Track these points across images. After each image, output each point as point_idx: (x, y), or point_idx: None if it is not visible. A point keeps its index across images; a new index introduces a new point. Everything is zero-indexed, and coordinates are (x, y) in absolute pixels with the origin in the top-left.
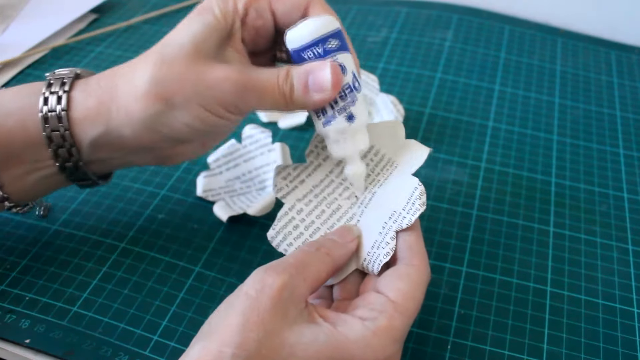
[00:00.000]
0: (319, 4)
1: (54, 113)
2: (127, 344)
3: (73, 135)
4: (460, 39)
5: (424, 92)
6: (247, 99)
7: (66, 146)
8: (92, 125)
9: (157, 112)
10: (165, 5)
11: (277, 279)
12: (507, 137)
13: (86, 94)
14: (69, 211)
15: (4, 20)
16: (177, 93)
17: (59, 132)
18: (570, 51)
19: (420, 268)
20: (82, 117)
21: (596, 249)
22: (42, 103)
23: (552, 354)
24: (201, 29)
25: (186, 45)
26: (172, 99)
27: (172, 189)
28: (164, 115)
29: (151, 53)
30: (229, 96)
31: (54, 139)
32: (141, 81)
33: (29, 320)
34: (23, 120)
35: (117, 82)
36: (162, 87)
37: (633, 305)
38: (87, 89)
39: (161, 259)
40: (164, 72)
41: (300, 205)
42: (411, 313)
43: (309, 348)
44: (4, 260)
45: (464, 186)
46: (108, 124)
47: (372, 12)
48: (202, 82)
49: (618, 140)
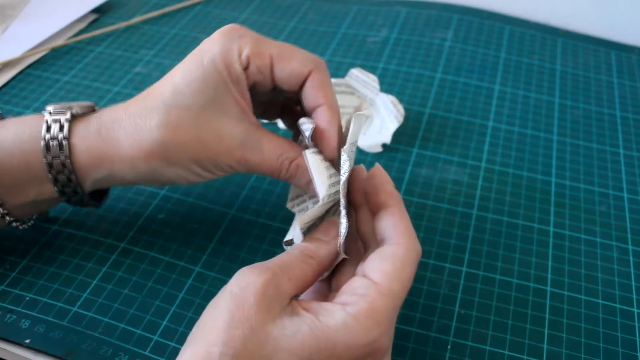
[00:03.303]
0: (318, 79)
1: (58, 160)
2: (127, 344)
3: (77, 177)
4: (460, 39)
5: (424, 92)
6: (243, 168)
7: (71, 186)
8: (96, 170)
9: (159, 167)
10: (165, 5)
11: (261, 277)
12: (507, 137)
13: (88, 144)
14: (69, 211)
15: (4, 20)
16: (180, 157)
17: (64, 174)
18: (570, 51)
19: (406, 246)
20: (85, 163)
21: (596, 249)
22: (45, 148)
23: (552, 354)
24: (204, 84)
25: (192, 107)
26: (173, 159)
27: (172, 189)
28: (164, 169)
29: (154, 108)
30: (227, 164)
31: (59, 179)
32: (146, 143)
33: (29, 320)
34: (27, 162)
35: (119, 136)
36: (166, 151)
37: (633, 305)
38: (89, 137)
39: (161, 259)
40: (169, 138)
41: None
42: (396, 294)
43: (292, 340)
44: (4, 260)
45: (464, 186)
46: (112, 171)
47: (372, 12)
48: (203, 151)
49: (618, 140)
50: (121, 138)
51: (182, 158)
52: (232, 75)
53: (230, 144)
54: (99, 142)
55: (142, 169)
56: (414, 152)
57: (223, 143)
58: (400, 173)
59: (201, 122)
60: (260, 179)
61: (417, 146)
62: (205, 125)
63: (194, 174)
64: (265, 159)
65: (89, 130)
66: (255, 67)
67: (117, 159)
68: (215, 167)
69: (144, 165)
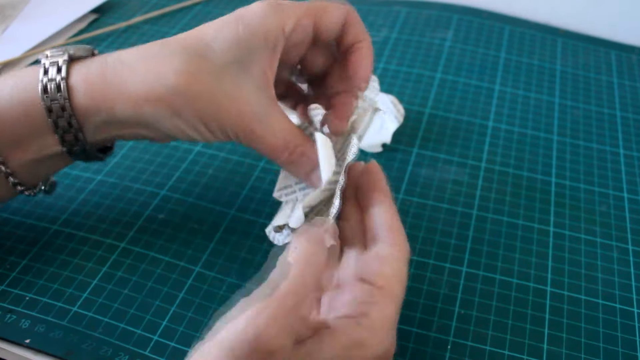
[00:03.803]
0: (356, 17)
1: (57, 103)
2: (127, 344)
3: (77, 121)
4: (460, 39)
5: (424, 92)
6: (246, 139)
7: (72, 131)
8: (96, 113)
9: (163, 116)
10: (165, 5)
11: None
12: (507, 137)
13: (89, 85)
14: (69, 211)
15: (4, 20)
16: (188, 110)
17: (64, 118)
18: (570, 51)
19: (401, 247)
20: (86, 105)
21: (596, 249)
22: (42, 92)
23: (552, 354)
24: (235, 44)
25: (216, 61)
26: (180, 110)
27: (172, 189)
28: (167, 119)
29: (175, 54)
30: (232, 129)
31: (59, 124)
32: (158, 87)
33: (29, 320)
34: (26, 109)
35: (126, 77)
36: (176, 100)
37: (633, 305)
38: (90, 78)
39: (161, 259)
40: (184, 87)
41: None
42: (400, 296)
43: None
44: (4, 260)
45: (464, 186)
46: (112, 115)
47: (372, 12)
48: (214, 109)
49: (618, 140)
50: (128, 79)
51: (190, 111)
52: (268, 41)
53: (243, 108)
54: (102, 84)
55: (145, 114)
56: (414, 152)
57: (236, 106)
58: (400, 173)
59: (221, 78)
60: (260, 179)
61: (417, 146)
62: (224, 83)
63: (195, 131)
64: (272, 136)
65: (90, 71)
66: (300, 30)
67: (121, 100)
68: (219, 129)
69: (149, 110)
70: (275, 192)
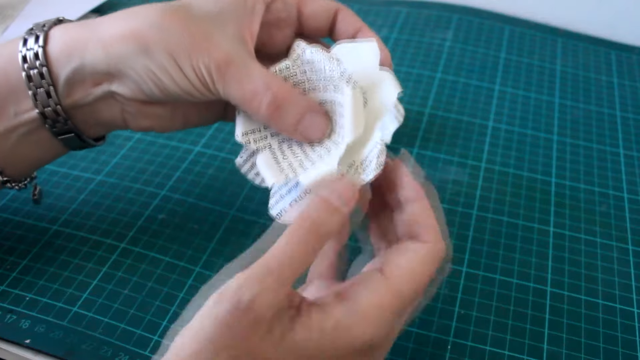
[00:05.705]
0: (349, 13)
1: (31, 51)
2: (128, 344)
3: (50, 73)
4: (460, 39)
5: (424, 92)
6: (221, 80)
7: (44, 85)
8: (68, 59)
9: (132, 53)
10: None
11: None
12: (507, 137)
13: (65, 31)
14: (69, 211)
15: (4, 20)
16: (158, 46)
17: (37, 69)
18: (570, 51)
19: (429, 246)
20: (59, 50)
21: (596, 249)
22: (22, 44)
23: (552, 354)
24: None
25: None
26: (150, 46)
27: (172, 189)
28: (136, 57)
29: (156, 5)
30: (205, 64)
31: (33, 78)
32: (131, 22)
33: (29, 321)
34: (5, 68)
35: (104, 20)
36: (148, 33)
37: (633, 305)
38: (68, 26)
39: (161, 259)
40: (158, 20)
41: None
42: (407, 295)
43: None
44: (4, 260)
45: (464, 186)
46: (83, 60)
47: (372, 12)
48: (185, 43)
49: (618, 140)
50: (105, 22)
51: (162, 46)
52: (248, 3)
53: (220, 46)
54: (78, 29)
55: (114, 55)
56: (414, 152)
57: (211, 44)
58: None
59: (197, 19)
60: None
61: (417, 146)
62: (199, 24)
63: (166, 73)
64: (249, 77)
65: (68, 27)
66: (282, 3)
67: (93, 41)
68: (190, 66)
69: (118, 49)
70: (239, 137)
